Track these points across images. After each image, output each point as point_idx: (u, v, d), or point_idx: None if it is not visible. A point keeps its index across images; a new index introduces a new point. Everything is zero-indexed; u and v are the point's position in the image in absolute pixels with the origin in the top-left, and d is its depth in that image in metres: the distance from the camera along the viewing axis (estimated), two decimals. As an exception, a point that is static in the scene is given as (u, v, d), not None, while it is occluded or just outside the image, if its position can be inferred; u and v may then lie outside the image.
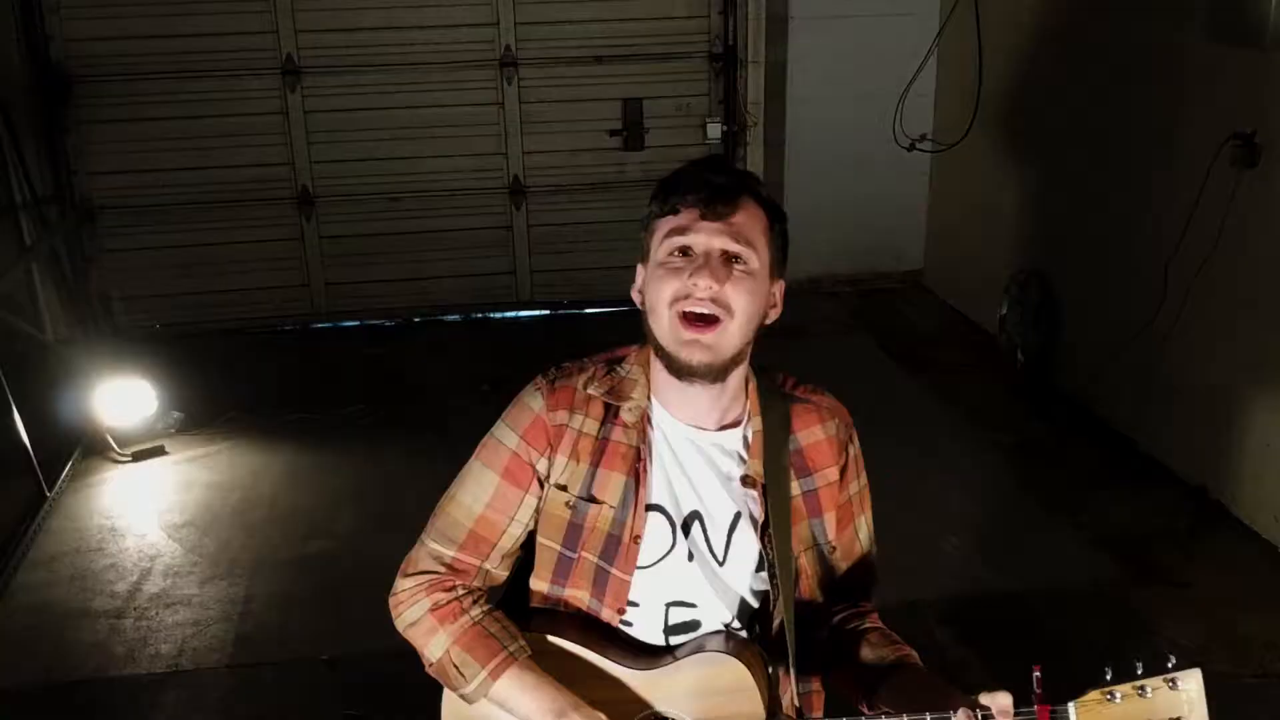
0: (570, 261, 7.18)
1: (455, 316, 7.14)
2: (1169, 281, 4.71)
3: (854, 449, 1.84)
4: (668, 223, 1.65)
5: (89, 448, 5.31)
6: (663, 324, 1.64)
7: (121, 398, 5.31)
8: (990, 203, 6.43)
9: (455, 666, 1.67)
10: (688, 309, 1.61)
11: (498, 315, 7.19)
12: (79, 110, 6.42)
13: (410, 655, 3.66)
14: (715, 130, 7.07)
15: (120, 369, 5.37)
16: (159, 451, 5.31)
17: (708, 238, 1.62)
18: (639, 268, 1.74)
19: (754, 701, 1.65)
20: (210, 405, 5.69)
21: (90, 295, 6.53)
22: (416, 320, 7.08)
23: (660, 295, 1.63)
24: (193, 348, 6.48)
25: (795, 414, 1.77)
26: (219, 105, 6.53)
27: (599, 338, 7.08)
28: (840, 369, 6.14)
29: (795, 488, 1.75)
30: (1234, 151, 4.25)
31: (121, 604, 4.15)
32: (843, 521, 1.81)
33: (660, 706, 1.68)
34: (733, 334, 1.63)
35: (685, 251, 1.63)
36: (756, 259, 1.63)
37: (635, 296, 1.74)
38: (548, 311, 7.22)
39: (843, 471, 1.81)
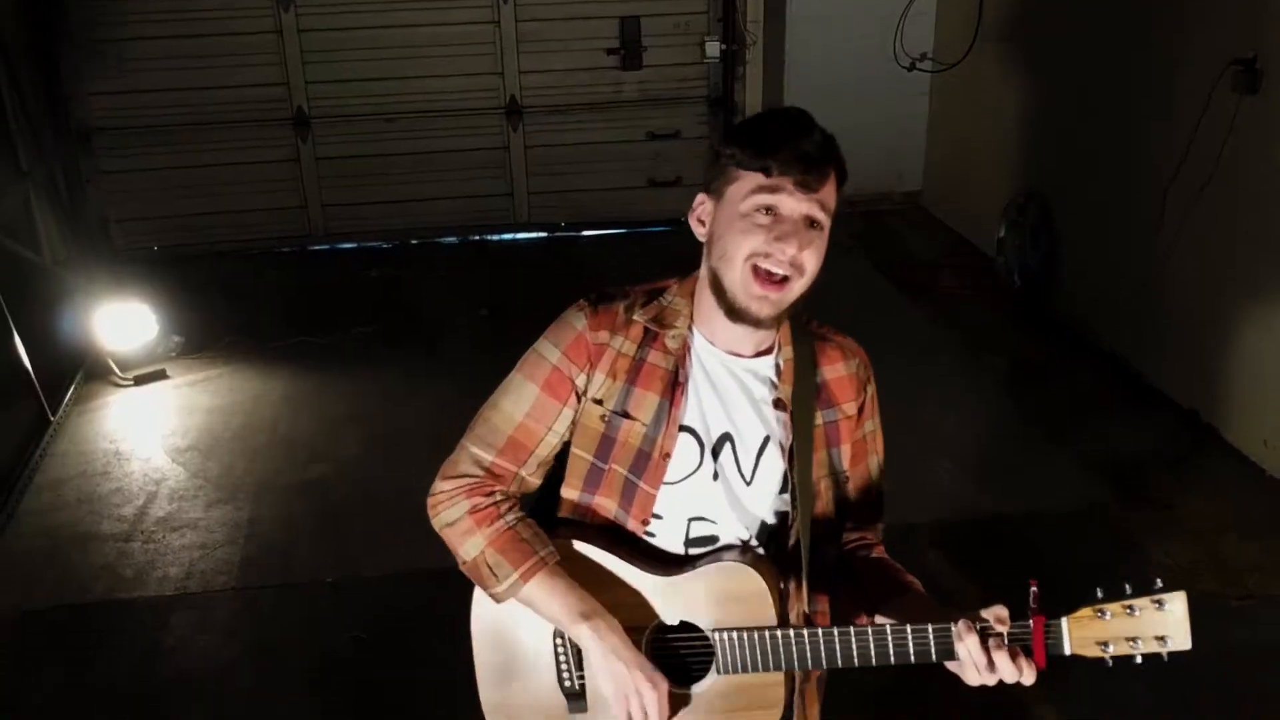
0: (568, 183, 7.15)
1: (452, 238, 7.14)
2: (1167, 207, 4.71)
3: (871, 389, 1.92)
4: (756, 179, 1.69)
5: (90, 371, 5.35)
6: (734, 273, 1.71)
7: (121, 321, 5.34)
8: (990, 124, 6.39)
9: (489, 567, 1.75)
10: (765, 266, 1.70)
11: (495, 237, 7.18)
12: (73, 31, 6.34)
13: (411, 579, 3.75)
14: (714, 49, 7.00)
15: (119, 292, 5.39)
16: (160, 375, 5.35)
17: (796, 204, 1.69)
18: (703, 197, 1.77)
19: (767, 609, 1.75)
20: (210, 328, 5.73)
21: (87, 218, 6.51)
22: (414, 242, 7.08)
23: (739, 247, 1.70)
24: (191, 270, 6.49)
25: (820, 350, 1.87)
26: (212, 24, 6.47)
27: (598, 260, 7.08)
28: (838, 291, 6.14)
29: (819, 417, 1.84)
30: (1235, 77, 4.23)
31: (129, 528, 4.22)
32: (857, 457, 1.90)
33: (679, 611, 1.78)
34: (797, 290, 1.73)
35: (769, 210, 1.69)
36: (829, 222, 1.73)
37: (695, 226, 1.79)
38: (545, 234, 7.21)
39: (860, 409, 1.90)
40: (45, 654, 3.61)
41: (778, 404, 1.81)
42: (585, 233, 7.23)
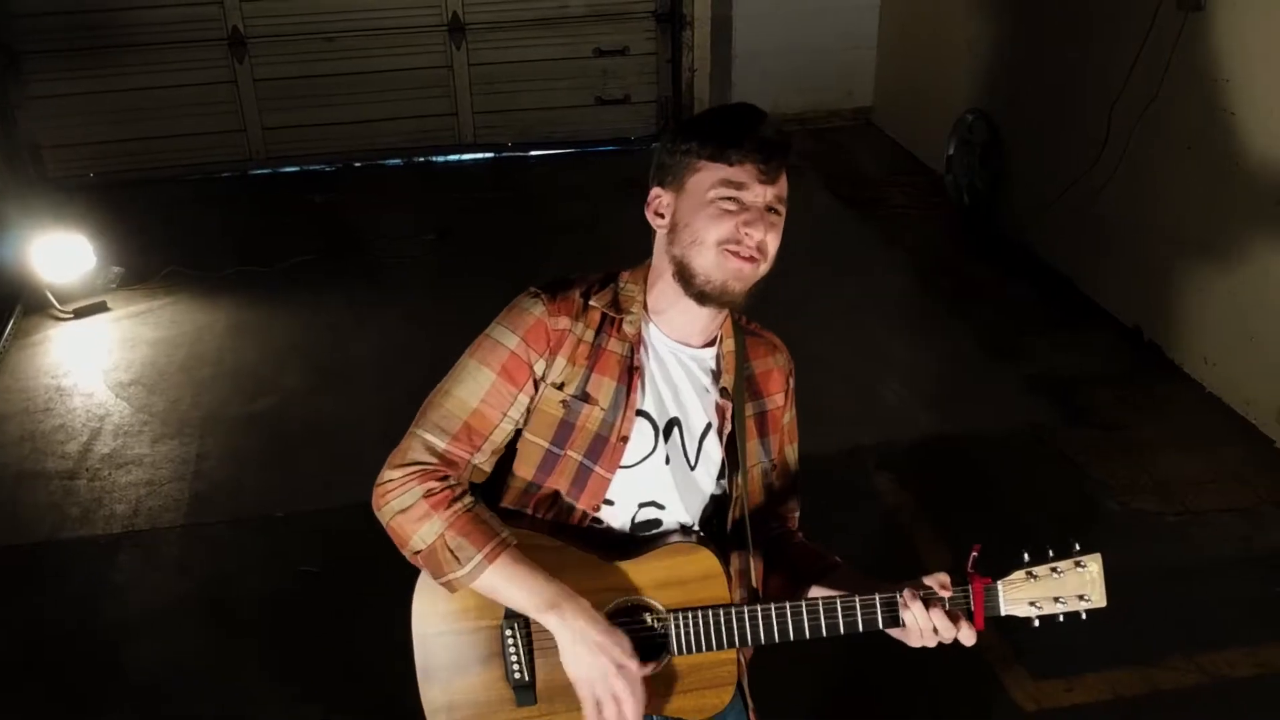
0: (513, 102, 7.04)
1: (397, 160, 7.02)
2: (1112, 124, 4.72)
3: (793, 382, 1.99)
4: (720, 170, 1.74)
5: (29, 305, 5.24)
6: (708, 256, 1.75)
7: (58, 252, 5.22)
8: (939, 40, 6.34)
9: (450, 550, 1.70)
10: (736, 251, 1.74)
11: (440, 159, 7.07)
12: (-8, -53, 6.11)
13: (362, 511, 3.72)
14: (661, -37, 6.87)
15: (55, 222, 5.27)
16: (101, 308, 5.26)
17: (760, 194, 1.75)
18: (660, 190, 1.81)
19: (721, 587, 1.78)
20: (150, 258, 5.61)
21: (18, 145, 6.33)
22: (357, 165, 6.95)
23: (709, 233, 1.75)
24: (128, 198, 6.34)
25: (750, 345, 1.93)
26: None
27: (545, 181, 6.97)
28: (788, 210, 6.13)
29: (750, 408, 1.91)
30: (1181, -7, 4.22)
31: (73, 465, 4.17)
32: (779, 445, 1.97)
33: (632, 594, 1.78)
34: (761, 272, 1.79)
35: (734, 200, 1.74)
36: (784, 211, 1.80)
37: (653, 218, 1.83)
38: (491, 154, 7.10)
39: (785, 398, 1.97)
40: (-7, 595, 3.59)
41: (724, 393, 1.86)
42: (533, 153, 7.13)
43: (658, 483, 1.83)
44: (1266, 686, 3.14)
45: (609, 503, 1.82)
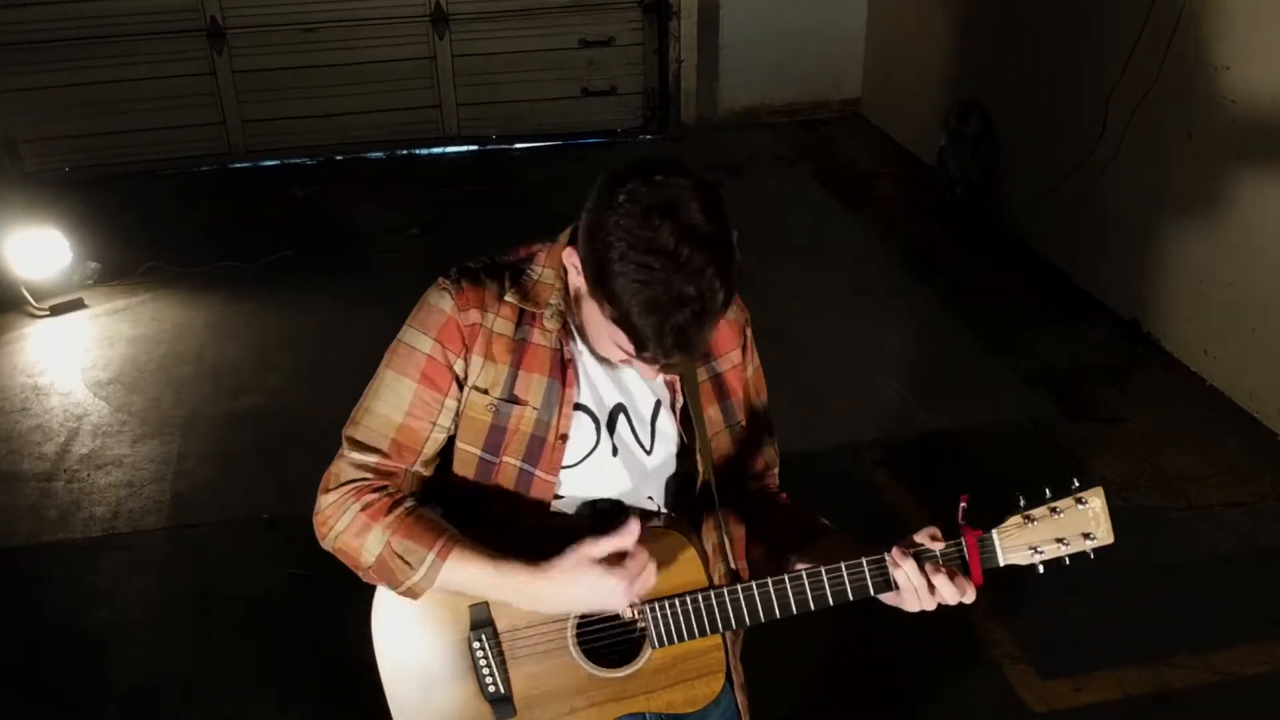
0: (498, 94, 6.93)
1: (379, 154, 6.90)
2: (1109, 114, 4.66)
3: (750, 330, 1.82)
4: (626, 342, 1.53)
5: (4, 302, 5.12)
6: (599, 344, 1.63)
7: (34, 248, 5.10)
8: (929, 29, 6.26)
9: (399, 556, 1.59)
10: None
11: (424, 152, 6.95)
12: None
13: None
14: (646, -49, 6.78)
15: (30, 217, 5.14)
16: (78, 304, 5.14)
17: (659, 371, 1.61)
18: (574, 257, 1.57)
19: (696, 570, 1.68)
20: (128, 254, 5.49)
21: (-8, 139, 6.20)
22: (339, 158, 6.83)
23: (600, 343, 1.62)
24: (105, 192, 6.22)
25: None
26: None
27: (530, 174, 6.85)
28: (778, 204, 6.06)
29: (702, 373, 1.75)
30: (1181, -19, 4.16)
31: (51, 466, 4.06)
32: (745, 403, 1.82)
33: None
34: None
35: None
36: None
37: (569, 263, 1.60)
38: (476, 147, 7.00)
39: (743, 351, 1.81)
40: (-31, 602, 3.48)
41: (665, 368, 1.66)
42: (518, 145, 7.03)
43: (607, 478, 1.71)
44: (1276, 684, 3.08)
45: (559, 497, 1.70)
